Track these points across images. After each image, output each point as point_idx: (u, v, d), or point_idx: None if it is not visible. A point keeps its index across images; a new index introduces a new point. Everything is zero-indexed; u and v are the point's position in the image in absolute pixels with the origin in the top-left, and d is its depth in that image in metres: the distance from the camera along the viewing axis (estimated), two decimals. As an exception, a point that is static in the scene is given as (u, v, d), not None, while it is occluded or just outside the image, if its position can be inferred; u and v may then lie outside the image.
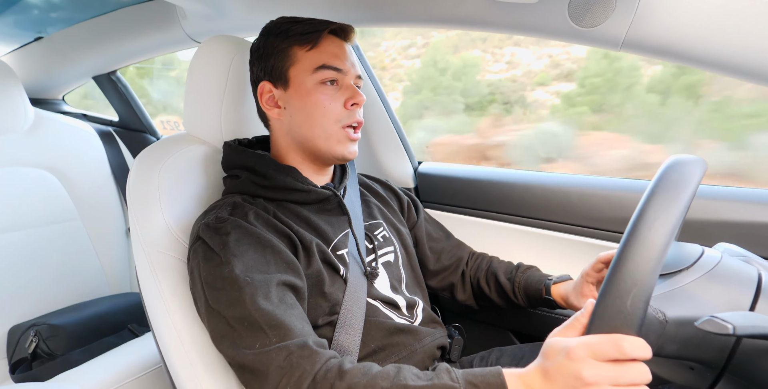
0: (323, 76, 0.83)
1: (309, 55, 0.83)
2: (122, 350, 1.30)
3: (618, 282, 0.50)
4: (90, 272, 1.62)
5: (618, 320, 0.50)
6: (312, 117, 0.84)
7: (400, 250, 0.98)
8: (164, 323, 0.83)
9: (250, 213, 0.79)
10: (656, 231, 0.49)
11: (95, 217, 1.65)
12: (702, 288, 0.58)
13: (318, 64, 0.83)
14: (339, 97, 0.84)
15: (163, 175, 0.87)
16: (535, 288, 0.97)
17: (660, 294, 0.58)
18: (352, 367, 0.65)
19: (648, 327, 0.55)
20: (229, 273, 0.71)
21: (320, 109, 0.83)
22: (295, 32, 0.84)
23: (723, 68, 0.75)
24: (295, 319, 0.70)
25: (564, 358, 0.54)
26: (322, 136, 0.84)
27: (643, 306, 0.49)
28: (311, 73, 0.83)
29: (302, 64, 0.84)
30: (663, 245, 0.49)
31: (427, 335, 0.89)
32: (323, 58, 0.83)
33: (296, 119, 0.85)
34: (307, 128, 0.84)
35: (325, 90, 0.84)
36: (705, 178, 0.56)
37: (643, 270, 0.49)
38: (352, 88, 0.85)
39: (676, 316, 0.56)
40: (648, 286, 0.49)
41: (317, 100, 0.83)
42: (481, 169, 1.38)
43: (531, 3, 0.83)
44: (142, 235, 0.84)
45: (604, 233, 1.13)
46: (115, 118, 2.09)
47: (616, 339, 0.50)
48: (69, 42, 1.72)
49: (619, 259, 0.51)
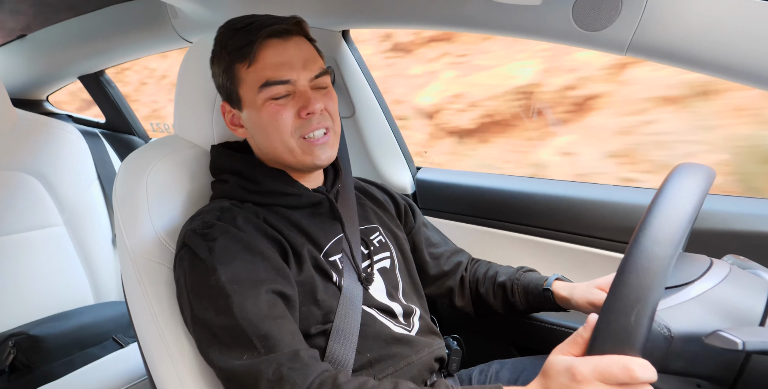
0: (270, 94, 0.79)
1: (250, 73, 0.80)
2: (106, 362, 1.29)
3: (621, 297, 0.50)
4: (73, 280, 1.60)
5: (621, 337, 0.50)
6: (269, 134, 0.82)
7: (396, 256, 0.98)
8: (151, 333, 0.82)
9: (239, 218, 0.79)
10: (661, 244, 0.49)
11: (80, 223, 1.63)
12: (710, 302, 0.58)
13: (261, 82, 0.79)
14: (291, 108, 0.81)
15: (152, 179, 0.86)
16: (535, 284, 0.97)
17: (665, 309, 0.58)
18: (346, 381, 0.64)
19: (653, 343, 0.55)
20: (215, 281, 0.71)
21: (273, 124, 0.81)
22: (232, 47, 0.80)
23: (732, 74, 0.75)
24: (285, 329, 0.70)
25: (568, 379, 0.54)
26: (285, 151, 0.83)
27: (648, 322, 0.49)
28: (257, 93, 0.80)
29: (246, 83, 0.81)
30: (668, 258, 0.48)
31: (424, 346, 0.88)
32: (265, 74, 0.79)
33: (257, 137, 0.85)
34: (269, 145, 0.84)
35: (275, 104, 0.80)
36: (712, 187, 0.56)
37: (648, 285, 0.48)
38: (304, 95, 0.80)
39: (682, 332, 0.56)
40: (652, 302, 0.48)
41: (267, 116, 0.80)
42: (482, 176, 1.38)
43: (534, 5, 0.84)
44: (129, 242, 0.84)
45: (609, 243, 1.13)
46: (101, 119, 2.09)
47: (625, 362, 0.50)
48: (54, 40, 1.72)
49: (621, 273, 0.50)
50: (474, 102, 2.01)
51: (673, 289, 0.61)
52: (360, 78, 1.34)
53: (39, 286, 1.51)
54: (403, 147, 1.45)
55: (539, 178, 1.31)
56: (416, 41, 2.11)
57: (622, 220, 1.11)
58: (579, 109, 1.72)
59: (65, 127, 1.68)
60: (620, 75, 1.60)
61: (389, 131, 1.41)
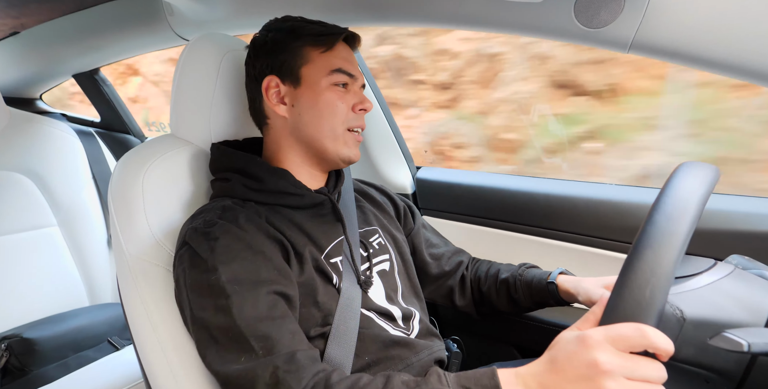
0: (337, 79, 0.86)
1: (324, 57, 0.86)
2: (101, 365, 1.28)
3: (636, 271, 0.49)
4: (68, 281, 1.60)
5: (635, 311, 0.49)
6: (322, 115, 0.86)
7: (396, 258, 0.98)
8: (147, 335, 0.82)
9: (241, 217, 0.79)
10: (676, 220, 0.49)
11: (74, 224, 1.63)
12: (718, 291, 0.58)
13: (333, 67, 0.86)
14: (348, 100, 0.87)
15: (148, 179, 0.86)
16: (538, 278, 0.97)
17: (677, 294, 0.58)
18: (339, 380, 0.65)
19: (665, 324, 0.55)
20: (215, 280, 0.71)
21: (331, 108, 0.86)
22: (309, 32, 0.86)
23: (737, 72, 0.75)
24: (284, 329, 0.70)
25: (577, 345, 0.53)
26: (330, 136, 0.87)
27: (662, 297, 0.48)
28: (326, 75, 0.86)
29: (316, 64, 0.86)
30: (683, 234, 0.48)
31: (423, 348, 0.88)
32: (338, 62, 0.86)
33: (305, 117, 0.86)
34: (316, 127, 0.86)
35: (338, 91, 0.86)
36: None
37: (662, 260, 0.48)
38: (360, 93, 0.90)
39: (694, 316, 0.55)
40: (667, 276, 0.48)
41: (329, 99, 0.86)
42: (483, 175, 1.38)
43: (536, 2, 0.84)
44: (125, 242, 0.83)
45: (612, 243, 1.13)
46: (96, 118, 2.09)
47: (639, 326, 0.49)
48: (48, 38, 1.71)
49: (636, 248, 0.50)
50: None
51: (682, 279, 0.61)
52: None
53: (33, 288, 1.50)
54: (402, 146, 1.45)
55: (541, 177, 1.31)
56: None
57: (625, 220, 1.11)
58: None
59: (59, 126, 1.68)
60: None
61: (389, 130, 1.41)
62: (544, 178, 1.30)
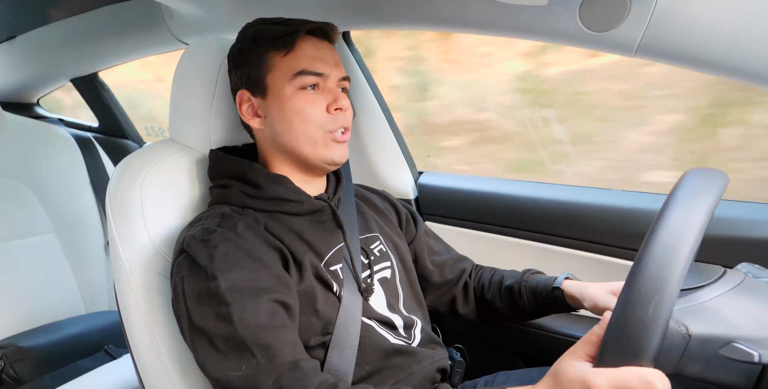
0: (302, 82, 0.82)
1: (285, 61, 0.82)
2: (97, 374, 1.28)
3: (639, 289, 0.49)
4: (64, 289, 1.60)
5: (639, 330, 0.49)
6: (293, 125, 0.83)
7: (397, 266, 0.97)
8: (144, 344, 0.82)
9: (240, 225, 0.79)
10: (679, 236, 0.48)
11: (71, 230, 1.63)
12: (726, 304, 0.57)
13: (296, 70, 0.82)
14: (321, 102, 0.83)
15: (146, 185, 0.86)
16: (544, 284, 0.97)
17: (682, 308, 0.57)
18: None
19: (670, 341, 0.54)
20: (215, 288, 0.70)
21: (301, 116, 0.82)
22: (268, 36, 0.83)
23: (745, 75, 0.75)
24: (285, 339, 0.70)
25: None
26: (306, 143, 0.84)
27: (666, 315, 0.48)
28: (290, 80, 0.82)
29: (279, 70, 0.83)
30: (687, 251, 0.48)
31: (426, 357, 0.88)
32: (302, 63, 0.82)
33: (278, 128, 0.85)
34: (290, 136, 0.84)
35: (305, 95, 0.83)
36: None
37: (666, 277, 0.48)
38: (334, 91, 0.85)
39: (700, 332, 0.55)
40: (671, 294, 0.48)
41: (297, 106, 0.82)
42: (486, 180, 1.38)
43: (540, 5, 0.84)
44: (122, 249, 0.83)
45: (618, 250, 1.13)
46: (94, 123, 2.09)
47: (644, 374, 0.49)
48: (45, 42, 1.72)
49: (639, 264, 0.50)
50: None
51: (688, 291, 0.60)
52: (361, 80, 1.34)
53: (28, 296, 1.50)
54: (404, 151, 1.45)
55: (545, 183, 1.31)
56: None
57: (631, 226, 1.10)
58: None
59: (56, 131, 1.68)
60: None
61: (390, 134, 1.41)
62: (549, 184, 1.30)
